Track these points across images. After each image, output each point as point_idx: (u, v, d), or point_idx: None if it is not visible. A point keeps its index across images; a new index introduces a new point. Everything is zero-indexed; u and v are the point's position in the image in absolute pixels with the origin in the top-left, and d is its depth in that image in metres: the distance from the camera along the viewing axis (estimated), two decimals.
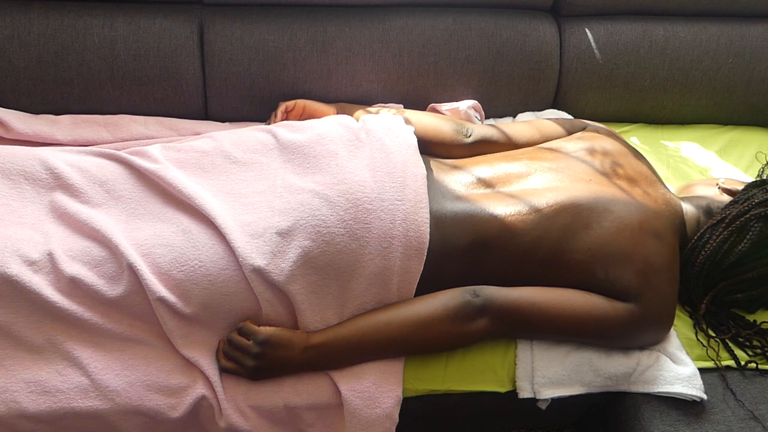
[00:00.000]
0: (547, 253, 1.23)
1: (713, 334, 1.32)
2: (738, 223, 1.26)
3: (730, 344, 1.32)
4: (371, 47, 1.60)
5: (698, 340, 1.32)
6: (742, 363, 1.30)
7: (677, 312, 1.33)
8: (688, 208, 1.35)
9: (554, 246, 1.23)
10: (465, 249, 1.23)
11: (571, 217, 1.24)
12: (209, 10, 1.60)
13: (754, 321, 1.34)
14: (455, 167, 1.36)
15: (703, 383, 1.24)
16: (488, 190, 1.31)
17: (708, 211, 1.34)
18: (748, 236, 1.26)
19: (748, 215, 1.26)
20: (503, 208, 1.26)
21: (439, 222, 1.23)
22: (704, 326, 1.33)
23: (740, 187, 1.36)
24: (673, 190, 1.46)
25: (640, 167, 1.37)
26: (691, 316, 1.35)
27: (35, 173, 1.24)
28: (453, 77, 1.65)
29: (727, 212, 1.29)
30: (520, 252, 1.24)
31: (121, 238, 1.16)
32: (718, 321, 1.33)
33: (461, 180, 1.32)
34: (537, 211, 1.25)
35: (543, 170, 1.33)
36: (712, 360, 1.30)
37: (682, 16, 1.76)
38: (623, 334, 1.22)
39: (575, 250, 1.23)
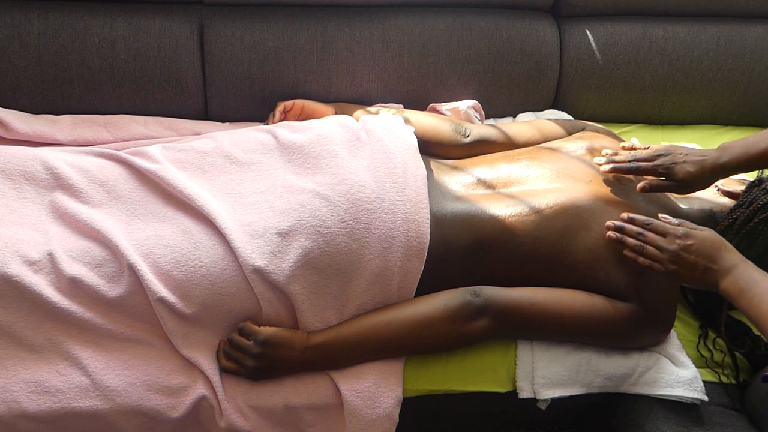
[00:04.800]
0: (548, 253, 1.23)
1: (720, 346, 1.31)
2: (747, 228, 1.26)
3: (738, 362, 1.30)
4: (371, 47, 1.60)
5: (698, 351, 1.31)
6: (742, 380, 1.29)
7: (678, 314, 1.33)
8: (688, 210, 1.34)
9: (554, 247, 1.23)
10: (465, 249, 1.23)
11: (571, 219, 1.24)
12: (209, 10, 1.60)
13: None
14: (455, 168, 1.36)
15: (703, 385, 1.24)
16: (488, 191, 1.31)
17: (710, 214, 1.33)
18: (758, 240, 1.25)
19: (755, 220, 1.26)
20: (503, 209, 1.26)
21: (439, 222, 1.23)
22: (709, 344, 1.31)
23: (739, 188, 1.35)
24: None
25: None
26: (701, 327, 1.33)
27: (35, 173, 1.24)
28: (453, 77, 1.65)
29: (733, 217, 1.28)
30: (521, 253, 1.24)
31: (121, 238, 1.16)
32: (734, 334, 1.31)
33: (461, 180, 1.32)
34: (537, 212, 1.25)
35: (543, 171, 1.33)
36: (715, 372, 1.29)
37: (682, 17, 1.76)
38: (624, 334, 1.22)
39: (576, 251, 1.23)
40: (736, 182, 1.39)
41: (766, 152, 1.19)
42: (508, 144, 1.45)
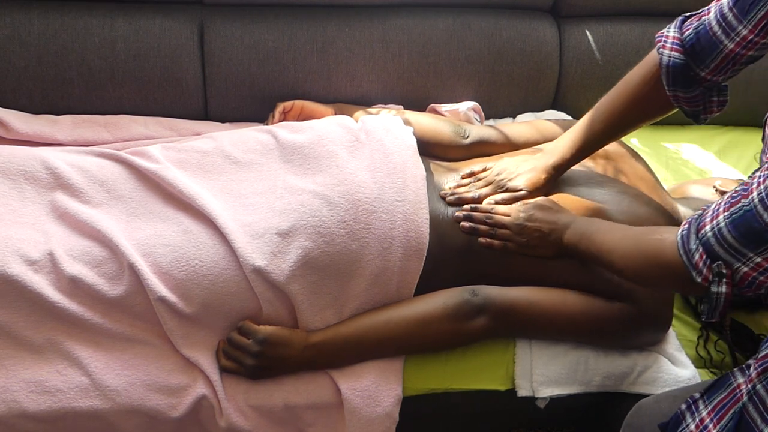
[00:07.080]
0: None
1: (720, 347, 1.30)
2: None
3: (740, 363, 1.30)
4: (371, 47, 1.60)
5: (697, 352, 1.31)
6: None
7: (677, 313, 1.33)
8: (685, 211, 1.34)
9: None
10: (462, 249, 1.24)
11: None
12: (209, 10, 1.60)
13: None
14: (451, 170, 1.36)
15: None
16: None
17: None
18: None
19: None
20: None
21: (436, 223, 1.23)
22: (710, 346, 1.31)
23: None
24: (666, 188, 1.45)
25: (638, 169, 1.37)
26: (702, 329, 1.33)
27: (35, 173, 1.24)
28: (453, 77, 1.65)
29: None
30: (513, 253, 1.24)
31: (121, 237, 1.17)
32: (738, 338, 1.30)
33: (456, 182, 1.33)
34: None
35: None
36: (713, 373, 1.29)
37: None
38: (620, 333, 1.22)
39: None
40: (734, 182, 1.39)
41: (585, 147, 1.27)
42: (508, 145, 1.45)
